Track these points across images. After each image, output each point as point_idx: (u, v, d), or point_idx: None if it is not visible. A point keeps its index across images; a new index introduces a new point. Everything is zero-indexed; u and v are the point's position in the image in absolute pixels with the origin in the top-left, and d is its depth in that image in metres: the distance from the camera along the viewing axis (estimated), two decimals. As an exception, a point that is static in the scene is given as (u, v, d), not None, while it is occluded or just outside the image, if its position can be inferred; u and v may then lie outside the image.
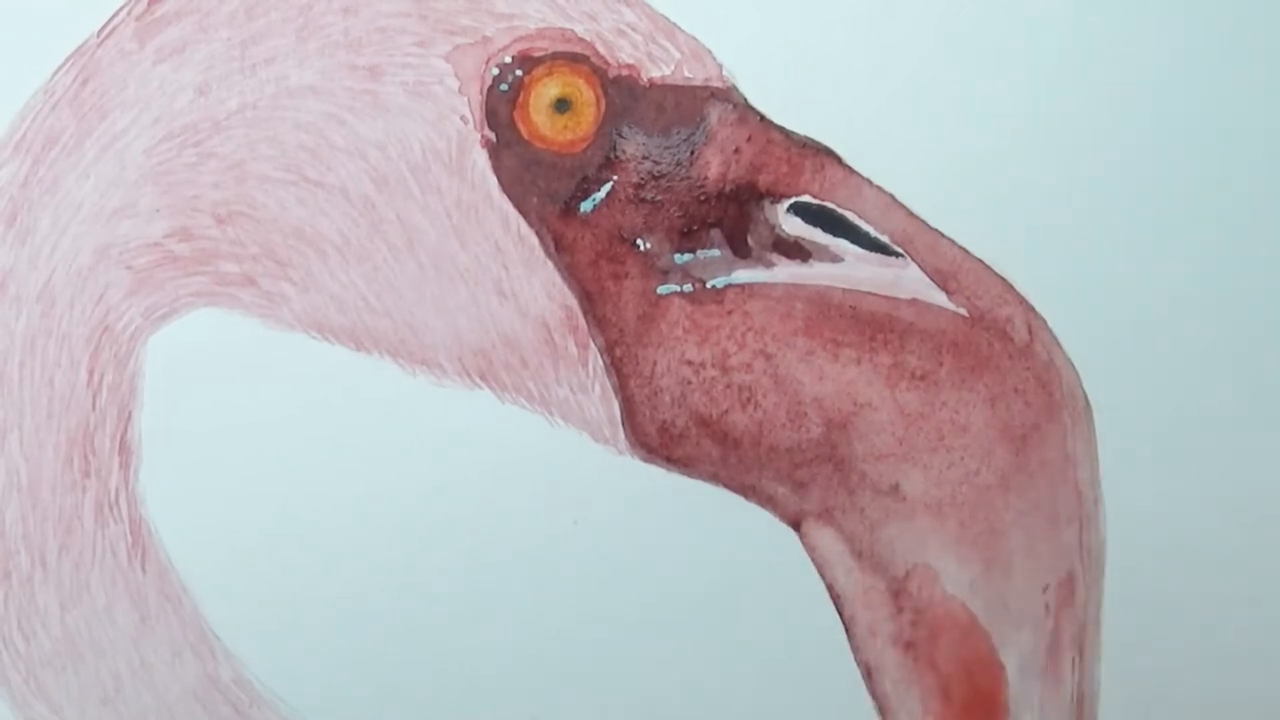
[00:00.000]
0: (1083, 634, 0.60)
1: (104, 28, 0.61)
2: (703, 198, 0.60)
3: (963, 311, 0.60)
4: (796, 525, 0.61)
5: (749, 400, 0.60)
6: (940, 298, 0.60)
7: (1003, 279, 0.60)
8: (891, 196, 0.60)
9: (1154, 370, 0.65)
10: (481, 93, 0.60)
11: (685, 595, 0.65)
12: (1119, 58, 0.65)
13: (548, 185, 0.60)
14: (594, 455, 0.62)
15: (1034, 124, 0.65)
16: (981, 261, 0.60)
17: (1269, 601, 0.66)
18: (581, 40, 0.60)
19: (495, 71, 0.60)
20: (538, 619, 0.65)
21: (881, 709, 0.60)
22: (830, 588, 0.60)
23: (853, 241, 0.61)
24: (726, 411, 0.60)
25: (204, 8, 0.61)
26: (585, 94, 0.60)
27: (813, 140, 0.61)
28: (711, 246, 0.61)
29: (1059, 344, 0.60)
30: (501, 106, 0.60)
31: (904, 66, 0.64)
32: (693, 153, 0.60)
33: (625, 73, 0.60)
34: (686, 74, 0.60)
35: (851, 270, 0.60)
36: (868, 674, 0.60)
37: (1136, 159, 0.65)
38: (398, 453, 0.65)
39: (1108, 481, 0.61)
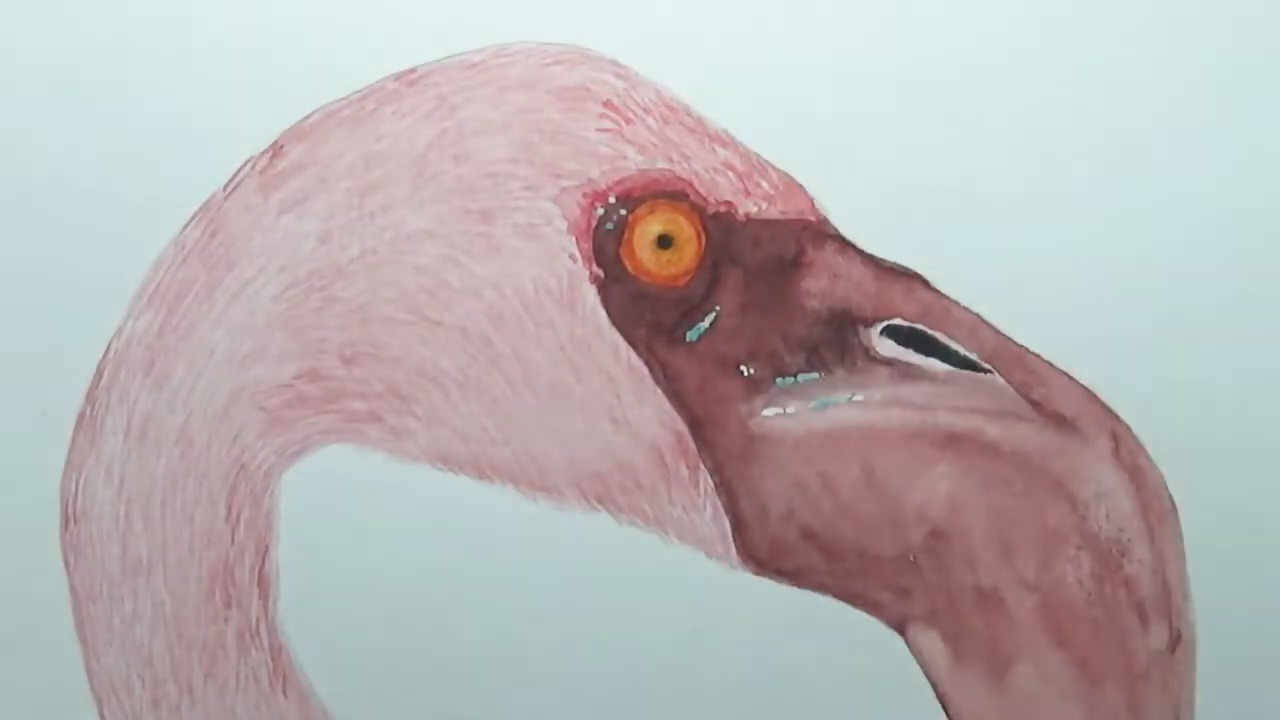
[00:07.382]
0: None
1: (229, 183, 0.64)
2: (800, 324, 0.63)
3: (1050, 422, 0.63)
4: (902, 629, 0.64)
5: (852, 514, 0.63)
6: (1028, 410, 0.63)
7: (1085, 389, 0.63)
8: (978, 316, 0.64)
9: (1236, 471, 0.68)
10: (588, 232, 0.63)
11: (801, 706, 0.68)
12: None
13: (654, 317, 0.63)
14: (711, 571, 0.65)
15: (1106, 227, 0.68)
16: (1065, 373, 0.64)
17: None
18: (680, 179, 0.63)
19: (600, 211, 0.63)
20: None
21: (987, 801, 0.63)
22: (935, 687, 0.63)
23: (943, 360, 0.64)
24: (831, 525, 0.63)
25: (323, 160, 0.64)
26: (686, 230, 0.63)
27: (900, 265, 0.64)
28: (811, 370, 0.64)
29: (1143, 449, 0.63)
30: (608, 244, 0.63)
31: (993, 199, 0.68)
32: (789, 282, 0.64)
33: (723, 209, 0.63)
34: (780, 208, 0.64)
35: (944, 388, 0.64)
36: (974, 770, 0.63)
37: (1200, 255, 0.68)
38: (521, 580, 0.67)
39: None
